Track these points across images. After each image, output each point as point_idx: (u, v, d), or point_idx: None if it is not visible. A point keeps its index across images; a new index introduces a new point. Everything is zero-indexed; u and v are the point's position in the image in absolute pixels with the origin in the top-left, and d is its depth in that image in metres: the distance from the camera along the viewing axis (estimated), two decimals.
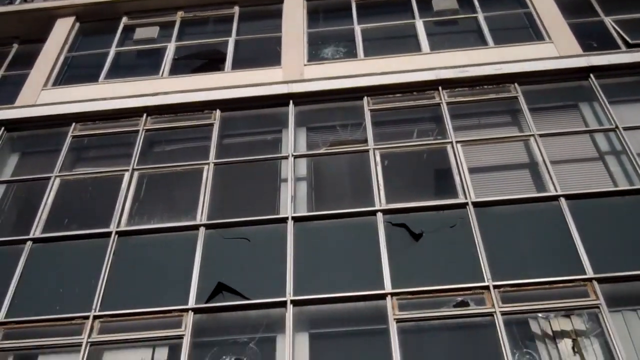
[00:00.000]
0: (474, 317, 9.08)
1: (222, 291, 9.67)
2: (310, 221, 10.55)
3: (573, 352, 8.56)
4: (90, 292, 9.88)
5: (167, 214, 11.09)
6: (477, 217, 10.14)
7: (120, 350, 9.49)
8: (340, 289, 9.44)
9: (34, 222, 11.10)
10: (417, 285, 9.34)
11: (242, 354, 9.08)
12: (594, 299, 9.01)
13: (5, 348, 9.53)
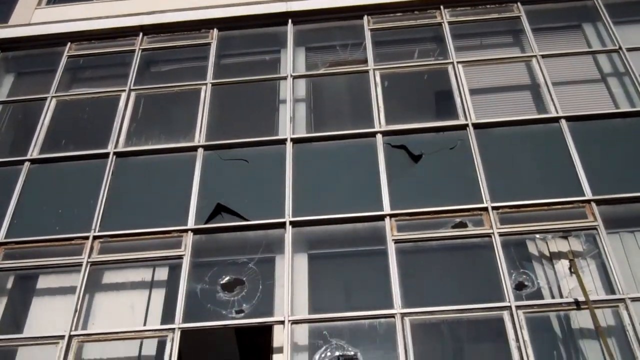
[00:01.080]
0: (472, 238, 9.13)
1: (221, 212, 9.69)
2: (309, 142, 10.50)
3: (570, 272, 8.63)
4: (90, 213, 9.90)
5: (164, 135, 11.01)
6: (477, 138, 10.08)
7: (120, 271, 9.57)
8: (339, 210, 9.46)
9: (32, 143, 11.05)
10: (416, 207, 9.35)
11: (241, 274, 9.16)
12: (592, 221, 9.04)
13: (6, 268, 9.61)
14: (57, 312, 9.07)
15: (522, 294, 8.56)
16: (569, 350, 8.28)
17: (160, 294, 9.26)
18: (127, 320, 8.98)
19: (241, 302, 8.85)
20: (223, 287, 9.04)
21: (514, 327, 8.09)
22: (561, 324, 8.45)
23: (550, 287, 8.72)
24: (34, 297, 9.52)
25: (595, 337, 8.16)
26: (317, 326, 8.51)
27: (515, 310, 8.21)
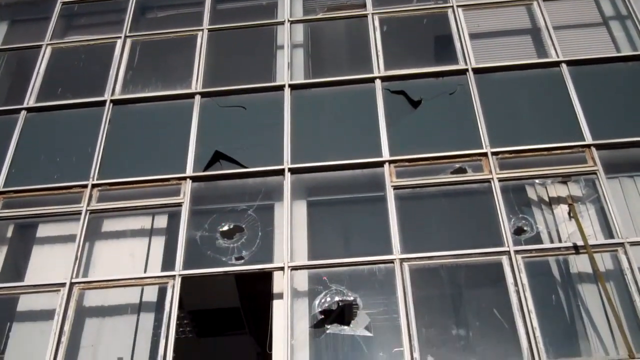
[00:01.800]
0: (471, 184, 9.12)
1: (219, 160, 9.66)
2: (308, 89, 10.40)
3: (569, 217, 8.64)
4: (88, 161, 9.87)
5: (161, 82, 10.90)
6: (477, 83, 10.00)
7: (119, 219, 9.57)
8: (338, 157, 9.42)
9: (27, 91, 10.95)
10: (415, 153, 9.32)
11: (240, 221, 9.17)
12: (592, 165, 9.02)
13: (5, 217, 9.61)
14: (57, 260, 9.11)
15: (521, 238, 8.59)
16: (567, 294, 8.33)
17: (160, 242, 9.28)
18: (127, 267, 9.01)
19: (241, 249, 8.88)
20: (222, 234, 9.06)
21: (512, 271, 8.13)
22: (560, 269, 8.50)
23: (549, 232, 8.74)
24: (34, 246, 9.54)
25: (594, 281, 8.21)
26: (316, 272, 8.55)
27: (514, 255, 8.24)
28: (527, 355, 7.57)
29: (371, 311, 8.35)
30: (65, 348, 8.19)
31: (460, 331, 8.24)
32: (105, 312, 8.76)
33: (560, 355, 7.66)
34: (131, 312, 8.71)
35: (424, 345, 7.79)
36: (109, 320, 8.72)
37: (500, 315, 8.05)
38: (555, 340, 7.82)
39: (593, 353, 7.83)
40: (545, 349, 7.57)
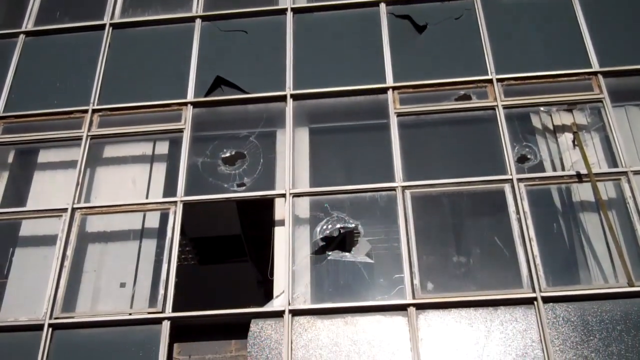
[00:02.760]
0: (476, 111, 9.01)
1: (220, 85, 9.53)
2: (310, 13, 10.18)
3: (573, 145, 8.56)
4: (88, 87, 9.77)
5: (161, 5, 10.66)
6: (484, 8, 9.77)
7: (121, 145, 9.52)
8: (341, 83, 9.29)
9: (25, 15, 10.74)
10: (419, 79, 9.19)
11: (242, 147, 9.11)
12: (598, 93, 8.89)
13: (6, 142, 9.56)
14: (59, 186, 9.10)
15: (524, 167, 8.54)
16: (568, 223, 8.33)
17: (161, 168, 9.25)
18: (129, 193, 9.01)
19: (242, 176, 8.85)
20: (224, 160, 9.01)
21: (515, 199, 8.11)
22: (562, 197, 8.47)
23: (553, 160, 8.68)
24: (36, 172, 9.52)
25: (596, 210, 8.21)
26: (318, 199, 8.54)
27: (517, 183, 8.21)
28: (527, 282, 7.61)
29: (372, 238, 8.38)
30: (68, 273, 8.25)
31: (460, 259, 8.28)
32: (108, 237, 8.80)
33: (560, 283, 7.70)
34: (133, 238, 8.74)
35: (424, 272, 7.83)
36: (111, 245, 8.76)
37: (501, 243, 8.06)
38: (555, 268, 7.85)
39: (593, 281, 7.88)
40: (545, 277, 7.61)
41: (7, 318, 8.09)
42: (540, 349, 7.18)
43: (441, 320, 7.48)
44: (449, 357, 7.23)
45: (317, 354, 7.38)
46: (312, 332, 7.53)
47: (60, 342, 7.77)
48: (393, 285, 7.87)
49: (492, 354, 7.22)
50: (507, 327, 7.35)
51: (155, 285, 8.15)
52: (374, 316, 7.57)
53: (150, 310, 7.90)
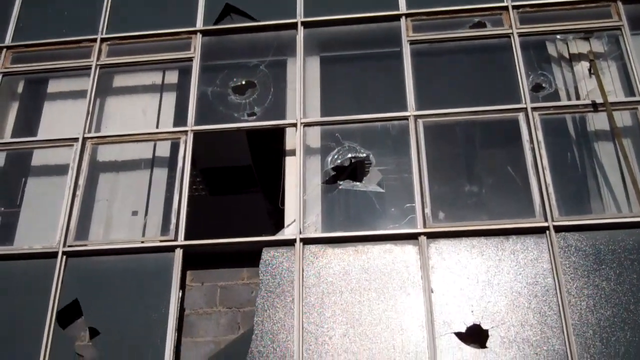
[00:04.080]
0: (490, 39, 8.84)
1: (230, 13, 9.36)
2: None
3: (589, 74, 8.41)
4: (96, 15, 9.62)
5: None
6: None
7: (130, 74, 9.44)
8: (352, 10, 9.11)
9: None
10: (433, 6, 8.99)
11: (252, 76, 9.00)
12: (617, 20, 8.69)
13: (15, 72, 9.49)
14: (69, 116, 9.06)
15: (539, 95, 8.42)
16: (582, 152, 8.26)
17: (171, 98, 9.19)
18: (139, 123, 8.97)
19: (253, 105, 8.77)
20: (234, 89, 8.92)
21: (528, 128, 8.02)
22: (576, 127, 8.38)
23: (568, 89, 8.56)
24: (46, 102, 9.48)
25: (610, 140, 8.11)
26: (329, 129, 8.48)
27: (531, 112, 8.10)
28: (539, 212, 7.58)
29: (384, 168, 8.33)
30: (80, 202, 8.28)
31: (472, 188, 8.25)
32: (119, 167, 8.81)
33: (572, 213, 7.67)
34: (144, 167, 8.75)
35: (436, 201, 7.81)
36: (122, 175, 8.78)
37: (514, 172, 8.01)
38: (568, 197, 7.82)
39: (606, 211, 7.84)
40: (558, 206, 7.57)
41: (22, 246, 8.16)
42: (552, 278, 7.20)
43: (452, 249, 7.49)
44: (460, 285, 7.27)
45: (328, 282, 7.43)
46: (323, 260, 7.57)
47: (74, 269, 7.85)
48: (404, 214, 7.87)
49: (503, 282, 7.24)
50: (519, 256, 7.36)
51: (167, 214, 8.18)
52: (385, 245, 7.59)
53: (163, 239, 7.95)
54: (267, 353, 7.18)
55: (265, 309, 7.42)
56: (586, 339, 6.88)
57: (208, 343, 8.05)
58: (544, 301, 7.12)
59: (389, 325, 7.18)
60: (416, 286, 7.32)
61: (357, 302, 7.31)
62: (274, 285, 7.51)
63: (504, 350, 6.93)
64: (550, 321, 7.02)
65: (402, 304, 7.27)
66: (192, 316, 8.15)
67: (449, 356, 6.96)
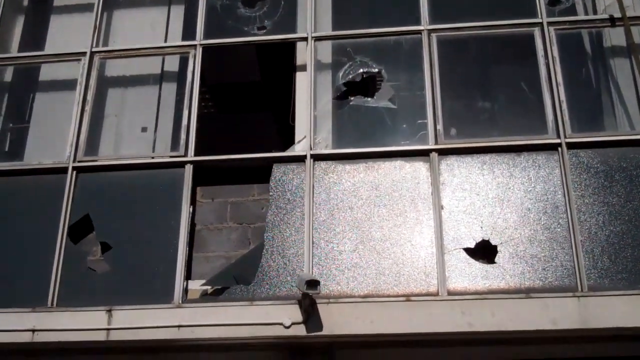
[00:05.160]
0: None
1: None
2: None
3: None
4: None
5: None
6: None
7: None
8: None
9: None
10: None
11: None
12: None
13: None
14: (76, 30, 8.91)
15: (555, 10, 8.21)
16: (597, 68, 8.14)
17: (179, 11, 9.03)
18: (147, 37, 8.83)
19: (263, 18, 8.59)
20: (244, 2, 8.70)
21: (544, 44, 7.85)
22: (592, 42, 8.23)
23: (585, 3, 8.37)
24: (52, 15, 9.33)
25: (627, 56, 7.96)
26: (341, 43, 8.33)
27: (547, 26, 7.91)
28: (552, 128, 7.50)
29: (396, 84, 8.22)
30: (89, 117, 8.23)
31: (485, 104, 8.15)
32: (127, 82, 8.73)
33: (585, 130, 7.60)
34: (153, 82, 8.67)
35: (448, 117, 7.74)
36: (131, 90, 8.72)
37: (527, 88, 7.90)
38: (581, 114, 7.73)
39: (619, 128, 7.77)
40: (571, 123, 7.49)
41: (32, 162, 8.17)
42: (562, 194, 7.19)
43: (463, 165, 7.45)
44: (470, 201, 7.28)
45: (338, 199, 7.44)
46: (333, 177, 7.56)
47: (84, 185, 7.86)
48: (416, 131, 7.81)
49: (513, 199, 7.24)
50: (530, 172, 7.33)
51: (176, 131, 8.14)
52: (396, 161, 7.56)
53: (173, 154, 7.93)
54: (277, 268, 7.26)
55: (276, 224, 7.45)
56: (594, 255, 6.92)
57: (219, 258, 8.15)
58: (554, 218, 7.13)
59: (398, 241, 7.22)
60: (426, 202, 7.33)
61: (367, 218, 7.34)
62: (284, 202, 7.53)
63: (512, 266, 6.98)
64: (560, 237, 7.04)
65: (411, 220, 7.30)
66: (203, 232, 8.23)
67: (457, 272, 7.02)
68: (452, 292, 6.92)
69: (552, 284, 6.87)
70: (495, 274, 6.96)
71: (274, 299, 7.05)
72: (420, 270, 7.08)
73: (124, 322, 7.00)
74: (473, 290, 6.91)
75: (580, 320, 6.56)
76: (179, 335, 6.90)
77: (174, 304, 7.11)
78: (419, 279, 7.04)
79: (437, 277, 7.01)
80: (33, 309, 7.20)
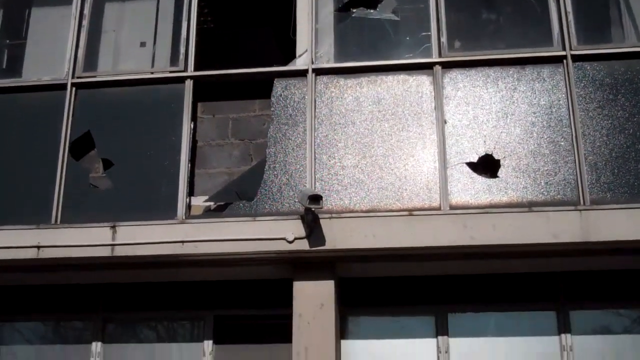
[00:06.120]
0: None
1: None
2: None
3: None
4: None
5: None
6: None
7: None
8: None
9: None
10: None
11: None
12: None
13: None
14: None
15: None
16: None
17: None
18: None
19: None
20: None
21: None
22: None
23: None
24: None
25: None
26: None
27: None
28: (558, 40, 7.37)
29: None
30: (87, 32, 8.09)
31: (490, 16, 7.97)
32: None
33: (591, 42, 7.46)
34: None
35: (452, 29, 7.60)
36: (129, 5, 8.51)
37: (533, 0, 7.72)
38: (588, 26, 7.58)
39: (626, 40, 7.63)
40: (577, 35, 7.36)
41: (30, 78, 8.07)
42: (566, 108, 7.12)
43: (467, 79, 7.36)
44: (474, 115, 7.21)
45: (340, 113, 7.38)
46: (335, 91, 7.48)
47: (84, 101, 7.80)
48: (419, 43, 7.67)
49: (517, 112, 7.18)
50: (534, 85, 7.24)
51: (175, 46, 8.00)
52: (399, 75, 7.46)
53: (173, 69, 7.82)
54: (279, 183, 7.26)
55: (278, 140, 7.42)
56: (598, 169, 6.91)
57: (221, 174, 8.15)
58: (558, 131, 7.09)
59: (400, 156, 7.20)
60: (429, 117, 7.27)
61: (369, 133, 7.30)
62: (286, 117, 7.47)
63: (515, 180, 6.98)
64: (563, 151, 7.02)
65: (414, 134, 7.26)
66: (205, 148, 8.20)
67: (460, 186, 7.03)
68: (454, 206, 6.94)
69: (554, 197, 6.88)
70: (498, 188, 6.97)
71: (277, 214, 7.07)
72: (423, 185, 7.08)
73: (128, 238, 7.06)
74: (475, 205, 6.92)
75: (581, 233, 6.60)
76: (183, 251, 6.97)
77: (178, 220, 7.15)
78: (422, 194, 7.05)
79: (439, 192, 7.02)
80: (37, 226, 7.26)
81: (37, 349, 7.79)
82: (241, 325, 7.56)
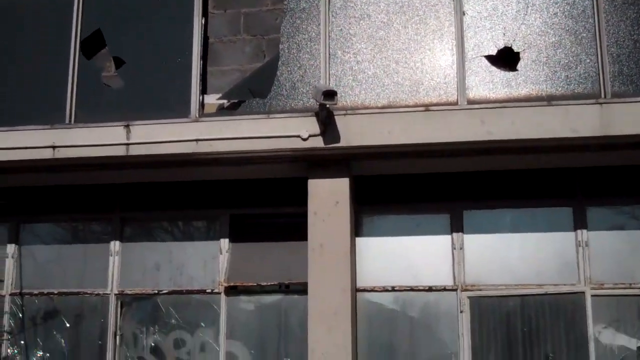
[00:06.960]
0: None
1: None
2: None
3: None
4: None
5: None
6: None
7: None
8: None
9: None
10: None
11: None
12: None
13: None
14: None
15: None
16: None
17: None
18: None
19: None
20: None
21: None
22: None
23: None
24: None
25: None
26: None
27: None
28: None
29: None
30: None
31: None
32: None
33: None
34: None
35: None
36: None
37: None
38: None
39: None
40: None
41: None
42: None
43: None
44: (493, 6, 6.98)
45: (355, 5, 7.23)
46: None
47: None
48: None
49: (538, 2, 6.95)
50: None
51: None
52: None
53: None
54: (293, 80, 7.14)
55: (291, 35, 7.25)
56: (620, 61, 6.71)
57: (234, 71, 7.99)
58: (580, 22, 6.85)
59: (417, 49, 7.03)
60: (447, 8, 7.04)
61: (385, 26, 7.10)
62: (299, 11, 7.27)
63: (534, 73, 6.81)
64: (585, 43, 6.80)
65: (431, 27, 7.05)
66: (217, 45, 8.01)
67: (478, 80, 6.87)
68: (471, 100, 6.80)
69: (574, 91, 6.71)
70: (517, 82, 6.81)
71: (291, 111, 6.99)
72: (440, 80, 6.94)
73: (143, 137, 7.04)
74: (493, 99, 6.78)
75: (601, 127, 6.46)
76: (197, 149, 6.95)
77: (191, 118, 7.09)
78: (439, 89, 6.92)
79: (456, 86, 6.88)
80: (52, 126, 7.24)
81: (56, 248, 7.92)
82: (257, 224, 7.61)
